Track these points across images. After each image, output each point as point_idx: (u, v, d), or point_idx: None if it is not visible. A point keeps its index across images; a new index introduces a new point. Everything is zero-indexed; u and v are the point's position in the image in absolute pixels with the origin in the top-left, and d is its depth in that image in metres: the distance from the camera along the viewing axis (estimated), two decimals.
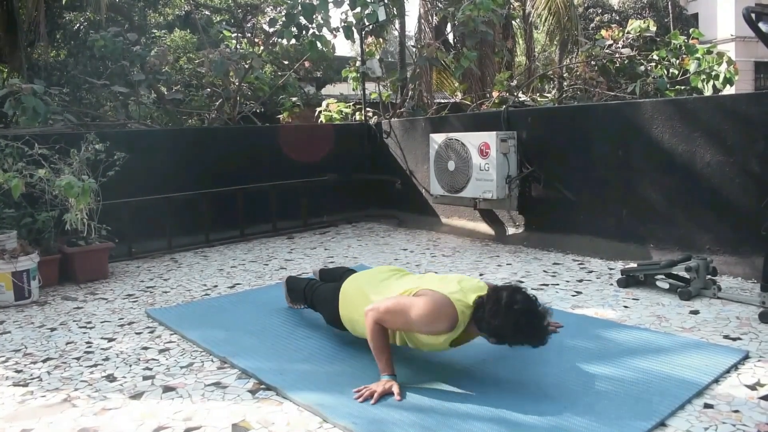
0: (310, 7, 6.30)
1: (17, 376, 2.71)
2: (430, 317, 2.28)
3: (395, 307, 2.36)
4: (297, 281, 3.49)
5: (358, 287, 2.74)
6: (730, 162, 3.92)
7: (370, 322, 2.38)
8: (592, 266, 4.41)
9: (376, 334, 2.38)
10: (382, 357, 2.40)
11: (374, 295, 2.59)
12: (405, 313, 2.32)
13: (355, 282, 2.80)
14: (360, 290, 2.70)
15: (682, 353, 2.66)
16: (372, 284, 2.70)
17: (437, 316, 2.28)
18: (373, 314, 2.38)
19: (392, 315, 2.35)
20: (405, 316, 2.32)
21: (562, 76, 8.80)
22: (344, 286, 2.81)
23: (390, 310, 2.36)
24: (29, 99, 4.96)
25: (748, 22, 3.09)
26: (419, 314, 2.29)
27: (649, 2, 23.28)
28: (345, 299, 2.77)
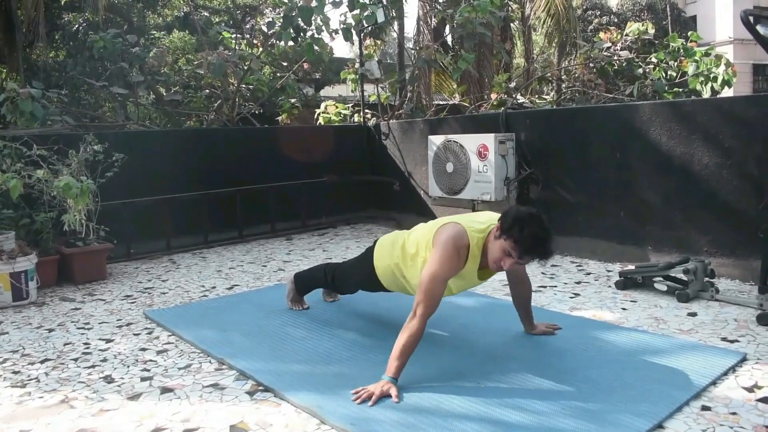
0: (308, 10, 6.31)
1: (15, 377, 2.71)
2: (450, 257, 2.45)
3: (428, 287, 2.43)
4: (311, 269, 3.56)
5: (390, 238, 2.93)
6: (728, 164, 3.93)
7: (417, 322, 2.40)
8: (590, 268, 4.42)
9: (415, 336, 2.40)
10: (401, 359, 2.40)
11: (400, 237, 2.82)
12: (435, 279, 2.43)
13: (387, 236, 2.99)
14: (392, 239, 2.89)
15: (680, 355, 2.66)
16: (402, 234, 2.87)
17: (455, 250, 2.46)
18: (420, 311, 2.41)
19: (429, 294, 2.43)
20: (436, 282, 2.43)
21: (561, 78, 8.81)
22: (378, 243, 2.98)
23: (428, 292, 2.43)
24: (26, 103, 4.95)
25: (746, 24, 3.10)
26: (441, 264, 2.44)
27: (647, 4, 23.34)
28: (380, 248, 2.93)
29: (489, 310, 3.48)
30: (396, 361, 2.39)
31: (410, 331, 2.39)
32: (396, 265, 2.80)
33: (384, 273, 2.89)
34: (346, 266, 3.28)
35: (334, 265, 3.37)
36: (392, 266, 2.82)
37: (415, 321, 2.40)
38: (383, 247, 2.91)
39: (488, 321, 3.24)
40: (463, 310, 3.43)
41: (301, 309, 3.51)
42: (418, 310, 2.42)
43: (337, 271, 3.28)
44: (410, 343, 2.39)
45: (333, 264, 3.40)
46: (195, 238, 5.62)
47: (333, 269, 3.31)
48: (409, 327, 2.40)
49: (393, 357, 2.40)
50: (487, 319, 3.29)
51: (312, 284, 3.52)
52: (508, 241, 2.40)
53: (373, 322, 3.27)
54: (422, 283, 2.46)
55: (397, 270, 2.80)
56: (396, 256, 2.79)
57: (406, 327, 2.41)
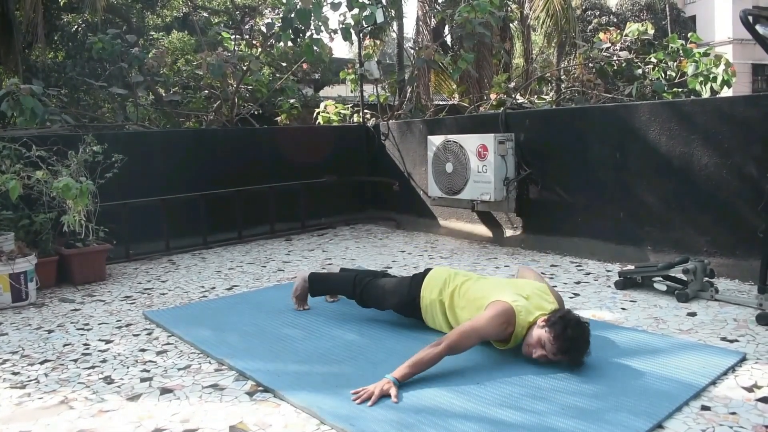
0: (306, 12, 6.31)
1: (15, 378, 2.71)
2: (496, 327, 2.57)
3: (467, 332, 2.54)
4: (337, 275, 3.60)
5: (444, 275, 3.01)
6: (727, 164, 3.93)
7: (441, 349, 2.46)
8: (589, 268, 4.42)
9: (435, 359, 2.46)
10: (412, 369, 2.44)
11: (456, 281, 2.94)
12: (476, 331, 2.54)
13: (443, 271, 3.07)
14: (447, 277, 2.99)
15: (680, 355, 2.66)
16: (458, 277, 2.98)
17: (502, 324, 2.57)
18: (448, 343, 2.48)
19: (463, 339, 2.52)
20: (475, 334, 2.54)
21: (560, 78, 8.81)
22: (432, 275, 3.05)
23: (464, 336, 2.52)
24: (27, 100, 4.96)
25: (745, 24, 3.10)
26: (486, 318, 2.57)
27: (646, 5, 23.37)
28: (431, 283, 3.00)
29: None
30: (407, 368, 2.43)
31: (434, 351, 2.47)
32: (441, 303, 2.94)
33: (427, 306, 3.00)
34: (386, 285, 3.21)
35: (367, 279, 3.28)
36: (437, 302, 2.95)
37: (439, 348, 2.47)
38: (435, 281, 3.00)
39: None
40: None
41: (302, 309, 3.51)
42: (445, 342, 2.49)
43: (370, 286, 3.23)
44: (427, 360, 2.46)
45: (365, 277, 3.31)
46: (194, 239, 5.62)
47: (365, 284, 3.25)
48: (433, 349, 2.47)
49: (406, 363, 2.45)
50: None
51: (334, 290, 3.53)
52: (548, 334, 2.50)
53: (372, 322, 3.27)
54: (463, 326, 2.57)
55: (441, 308, 2.94)
56: (445, 295, 2.92)
57: (430, 347, 2.48)
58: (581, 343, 2.50)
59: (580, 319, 2.54)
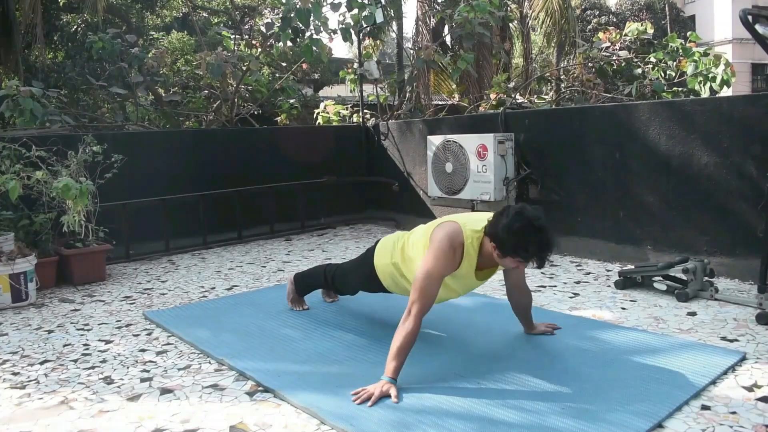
0: (306, 12, 6.31)
1: (15, 378, 2.70)
2: (446, 253, 2.44)
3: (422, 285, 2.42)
4: (311, 270, 3.54)
5: (390, 239, 2.93)
6: (726, 164, 3.93)
7: (411, 322, 2.39)
8: (589, 268, 4.42)
9: (410, 335, 2.39)
10: (398, 359, 2.38)
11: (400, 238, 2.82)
12: (430, 277, 2.42)
13: (388, 238, 2.97)
14: (392, 240, 2.89)
15: (680, 355, 2.67)
16: (402, 235, 2.87)
17: (451, 248, 2.45)
18: (415, 310, 2.40)
19: (424, 292, 2.42)
20: (431, 279, 2.43)
21: (560, 78, 8.81)
22: (380, 244, 2.97)
23: (422, 290, 2.42)
24: (27, 101, 4.96)
25: (744, 24, 3.10)
26: (436, 261, 2.43)
27: (646, 4, 23.37)
28: (380, 249, 2.92)
29: (488, 310, 3.48)
30: (393, 362, 2.38)
31: (405, 330, 2.38)
32: (395, 265, 2.79)
33: (384, 273, 2.88)
34: (347, 266, 3.27)
35: (335, 265, 3.36)
36: (391, 266, 2.82)
37: (410, 320, 2.39)
38: (384, 247, 2.91)
39: (487, 321, 3.24)
40: (462, 310, 3.43)
41: (301, 309, 3.51)
42: (413, 309, 2.41)
43: (337, 272, 3.27)
44: (406, 342, 2.38)
45: (333, 264, 3.39)
46: (194, 239, 5.62)
47: (333, 270, 3.30)
48: (405, 326, 2.39)
49: (390, 357, 2.39)
50: (486, 319, 3.29)
51: (312, 285, 3.51)
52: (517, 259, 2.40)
53: (372, 322, 3.27)
54: (416, 281, 2.45)
55: (396, 270, 2.80)
56: (396, 255, 2.79)
57: (401, 326, 2.40)
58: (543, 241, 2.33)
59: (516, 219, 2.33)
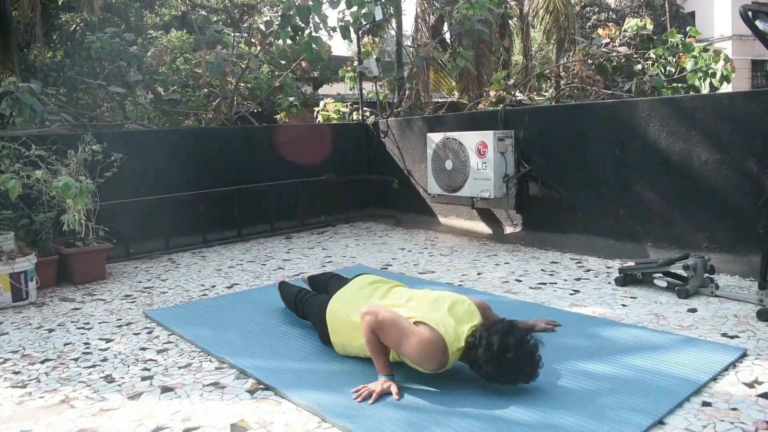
0: (305, 9, 6.30)
1: (15, 377, 2.71)
2: (423, 355, 2.28)
3: (392, 325, 2.31)
4: (289, 288, 3.39)
5: (342, 313, 2.68)
6: (727, 160, 3.92)
7: (366, 327, 2.35)
8: (589, 265, 4.42)
9: (372, 339, 2.36)
10: (380, 358, 2.39)
11: (356, 315, 2.52)
12: (400, 339, 2.30)
13: (339, 303, 2.75)
14: (345, 316, 2.65)
15: (680, 351, 2.67)
16: (356, 305, 2.60)
17: (430, 357, 2.28)
18: (369, 319, 2.33)
19: (387, 332, 2.32)
20: (399, 341, 2.30)
21: (559, 74, 8.79)
22: (329, 311, 2.76)
23: (387, 325, 2.31)
24: (26, 98, 4.95)
25: (744, 19, 3.09)
26: (414, 349, 2.27)
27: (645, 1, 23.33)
28: (333, 324, 2.73)
29: None
30: (377, 363, 2.39)
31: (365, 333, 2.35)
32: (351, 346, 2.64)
33: (339, 348, 2.73)
34: (311, 312, 3.02)
35: (304, 299, 3.14)
36: (346, 345, 2.67)
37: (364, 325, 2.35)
38: (336, 322, 2.70)
39: None
40: None
41: None
42: (367, 317, 2.33)
43: (306, 309, 3.09)
44: (373, 341, 2.34)
45: (303, 296, 3.17)
46: (194, 238, 5.62)
47: (303, 304, 3.12)
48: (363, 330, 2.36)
49: (374, 359, 2.40)
50: None
51: (287, 302, 3.38)
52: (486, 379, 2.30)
53: None
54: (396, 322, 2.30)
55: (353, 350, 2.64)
56: (352, 337, 2.59)
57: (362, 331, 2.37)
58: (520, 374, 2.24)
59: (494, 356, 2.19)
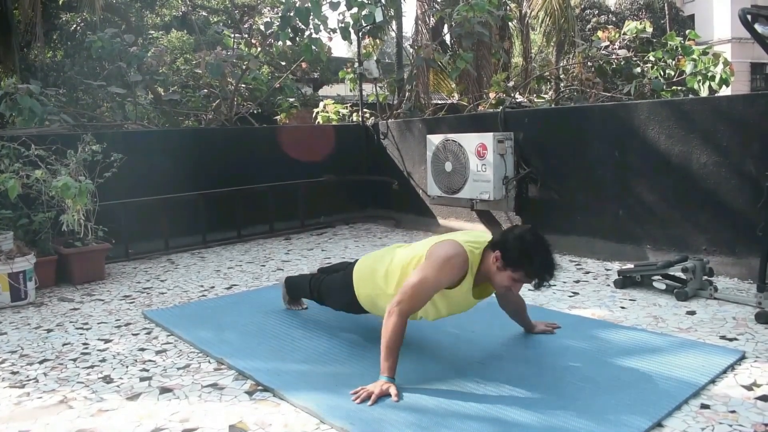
0: (305, 10, 6.30)
1: (14, 377, 2.70)
2: (446, 269, 2.37)
3: (414, 287, 2.37)
4: (299, 278, 3.48)
5: (369, 265, 2.80)
6: (726, 163, 3.93)
7: (395, 318, 2.35)
8: (588, 267, 4.42)
9: (397, 332, 2.35)
10: (390, 358, 2.36)
11: (382, 265, 2.70)
12: (424, 283, 2.36)
13: (366, 261, 2.87)
14: (372, 267, 2.77)
15: (679, 354, 2.67)
16: (382, 259, 2.76)
17: (452, 265, 2.38)
18: (399, 308, 2.35)
19: (414, 295, 2.37)
20: (425, 286, 2.37)
21: (559, 77, 8.80)
22: (357, 268, 2.86)
23: (413, 293, 2.37)
24: (25, 99, 4.95)
25: (743, 23, 3.10)
26: (433, 262, 2.38)
27: (645, 3, 23.36)
28: (360, 279, 2.81)
29: (488, 309, 3.46)
30: (386, 361, 2.37)
31: (391, 326, 2.35)
32: (378, 296, 2.70)
33: (366, 301, 2.80)
34: (330, 286, 3.09)
35: (320, 279, 3.19)
36: (373, 296, 2.73)
37: (393, 318, 2.35)
38: (363, 274, 2.80)
39: (487, 320, 3.24)
40: None
41: (299, 309, 3.51)
42: (397, 307, 2.36)
43: (321, 287, 3.13)
44: (394, 340, 2.35)
45: (319, 278, 3.21)
46: (193, 238, 5.61)
47: (318, 284, 3.16)
48: (389, 323, 2.35)
49: (382, 358, 2.38)
50: (485, 318, 3.28)
51: (300, 294, 3.45)
52: (518, 273, 2.37)
53: (372, 321, 3.26)
54: (408, 284, 2.39)
55: (380, 300, 2.68)
56: (379, 286, 2.68)
57: (385, 325, 2.37)
58: (551, 259, 2.37)
59: (533, 238, 2.38)
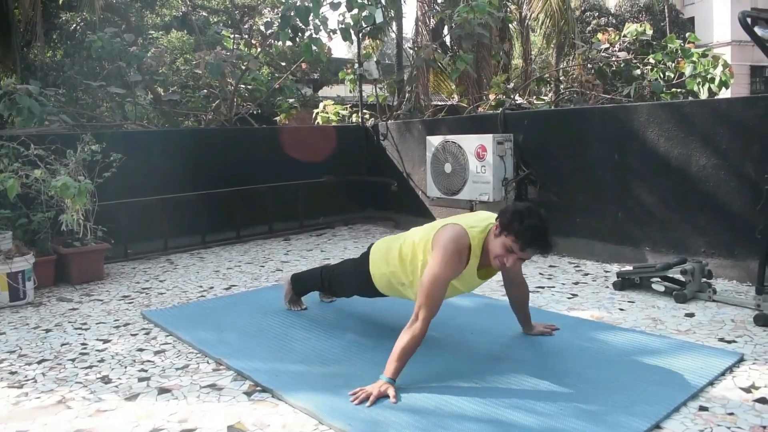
0: (305, 10, 6.31)
1: (12, 377, 2.70)
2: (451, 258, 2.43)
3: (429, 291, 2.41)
4: (308, 271, 3.56)
5: (385, 245, 2.88)
6: (725, 165, 3.93)
7: (419, 325, 2.39)
8: (587, 269, 4.42)
9: (416, 339, 2.39)
10: (400, 361, 2.38)
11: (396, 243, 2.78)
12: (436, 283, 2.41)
13: (382, 242, 2.95)
14: (387, 246, 2.85)
15: (677, 356, 2.67)
16: (397, 239, 2.84)
17: (455, 251, 2.44)
18: (422, 315, 2.39)
19: (431, 297, 2.41)
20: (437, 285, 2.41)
21: (559, 78, 8.82)
22: (373, 249, 2.95)
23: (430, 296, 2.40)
24: (24, 99, 4.95)
25: (743, 26, 3.10)
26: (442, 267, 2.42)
27: (645, 6, 23.38)
28: (376, 258, 2.88)
29: (487, 310, 3.48)
30: (395, 363, 2.38)
31: (412, 333, 2.39)
32: (393, 273, 2.77)
33: (381, 281, 2.87)
34: (343, 270, 3.24)
35: (331, 268, 3.34)
36: (388, 274, 2.80)
37: (417, 324, 2.39)
38: (378, 254, 2.88)
39: (486, 321, 3.24)
40: (461, 310, 3.43)
41: (299, 310, 3.51)
42: (420, 314, 2.40)
43: (333, 275, 3.26)
44: (411, 345, 2.39)
45: (330, 267, 3.37)
46: (193, 239, 5.61)
47: (330, 272, 3.28)
48: (411, 330, 2.39)
49: (392, 358, 2.39)
50: (484, 319, 3.29)
51: (309, 287, 3.51)
52: (509, 237, 2.39)
53: (370, 322, 3.27)
54: (423, 286, 2.44)
55: (394, 278, 2.78)
56: (392, 264, 2.76)
57: (408, 329, 2.40)
58: (542, 227, 2.39)
59: (528, 206, 2.44)
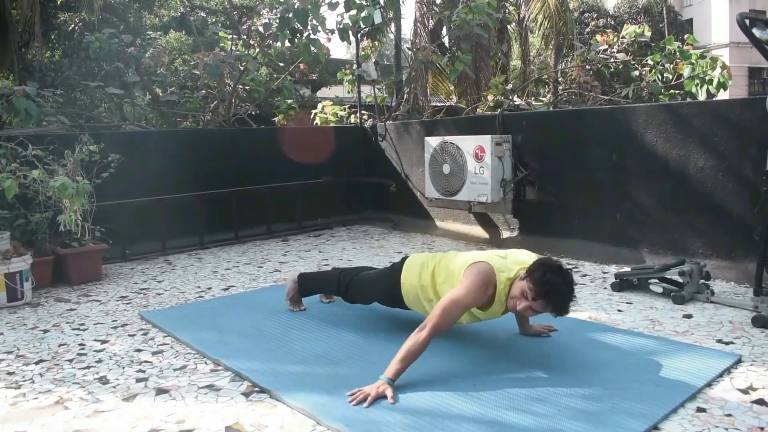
0: (303, 12, 6.31)
1: (9, 378, 2.69)
2: (475, 293, 2.50)
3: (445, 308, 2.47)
4: (320, 273, 3.64)
5: (422, 260, 2.94)
6: (723, 167, 3.94)
7: (427, 331, 2.42)
8: (585, 270, 4.42)
9: (422, 345, 2.42)
10: (403, 363, 2.41)
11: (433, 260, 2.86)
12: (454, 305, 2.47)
13: (419, 256, 3.01)
14: (423, 261, 2.91)
15: (675, 357, 2.67)
16: (435, 256, 2.91)
17: (480, 287, 2.50)
18: (432, 324, 2.43)
19: (446, 315, 2.46)
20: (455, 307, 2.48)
21: (557, 80, 8.83)
22: (409, 259, 3.01)
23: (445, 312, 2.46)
24: (21, 101, 4.93)
25: (742, 27, 3.11)
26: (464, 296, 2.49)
27: (644, 7, 23.41)
28: (409, 268, 2.94)
29: None
30: (397, 365, 2.40)
31: (417, 339, 2.42)
32: (422, 288, 2.84)
33: (409, 292, 2.92)
34: (368, 278, 3.23)
35: (351, 273, 3.30)
36: (418, 287, 2.86)
37: (424, 332, 2.42)
38: (414, 267, 2.93)
39: (484, 322, 3.23)
40: None
41: (298, 310, 3.51)
42: (429, 324, 2.43)
43: (354, 281, 3.24)
44: (415, 350, 2.41)
45: (348, 272, 3.34)
46: (191, 239, 5.60)
47: (349, 278, 3.26)
48: (417, 336, 2.42)
49: (395, 360, 2.42)
50: (482, 321, 3.28)
51: (318, 289, 3.52)
52: (529, 283, 2.42)
53: (369, 323, 3.27)
54: (442, 302, 2.50)
55: (423, 292, 2.84)
56: (425, 279, 2.83)
57: (414, 334, 2.43)
58: (563, 287, 2.40)
59: (562, 265, 2.47)
